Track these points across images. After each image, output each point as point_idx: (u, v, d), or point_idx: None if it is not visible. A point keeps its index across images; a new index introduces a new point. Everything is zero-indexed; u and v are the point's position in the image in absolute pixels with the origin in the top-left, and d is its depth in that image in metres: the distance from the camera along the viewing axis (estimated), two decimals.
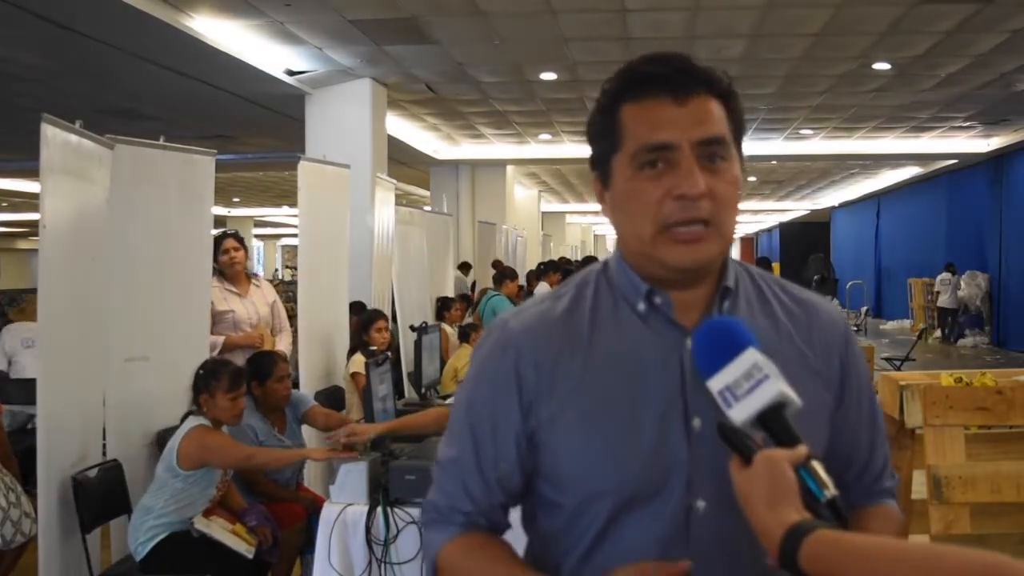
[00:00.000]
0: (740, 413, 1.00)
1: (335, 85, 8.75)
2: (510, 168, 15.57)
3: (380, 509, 2.99)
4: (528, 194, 19.54)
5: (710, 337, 1.05)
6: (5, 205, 21.53)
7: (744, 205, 1.19)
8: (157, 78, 7.98)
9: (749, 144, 1.18)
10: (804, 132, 12.50)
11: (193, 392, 3.45)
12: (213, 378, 3.41)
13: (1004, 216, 14.43)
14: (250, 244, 23.96)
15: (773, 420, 0.99)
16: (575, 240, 28.90)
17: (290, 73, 8.30)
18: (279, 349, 4.73)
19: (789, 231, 29.95)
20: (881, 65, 8.53)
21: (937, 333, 16.01)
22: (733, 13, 6.94)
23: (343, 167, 5.90)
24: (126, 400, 3.90)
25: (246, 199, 22.23)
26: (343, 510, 3.04)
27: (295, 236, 6.59)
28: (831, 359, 1.18)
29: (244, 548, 3.34)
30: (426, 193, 16.88)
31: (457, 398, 1.23)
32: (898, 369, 9.15)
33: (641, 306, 1.13)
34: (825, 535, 0.91)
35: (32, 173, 5.42)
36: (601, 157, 1.14)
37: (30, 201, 17.59)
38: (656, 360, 1.11)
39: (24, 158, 9.37)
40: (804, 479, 0.96)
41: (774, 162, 15.29)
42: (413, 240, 7.47)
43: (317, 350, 5.22)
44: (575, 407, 1.11)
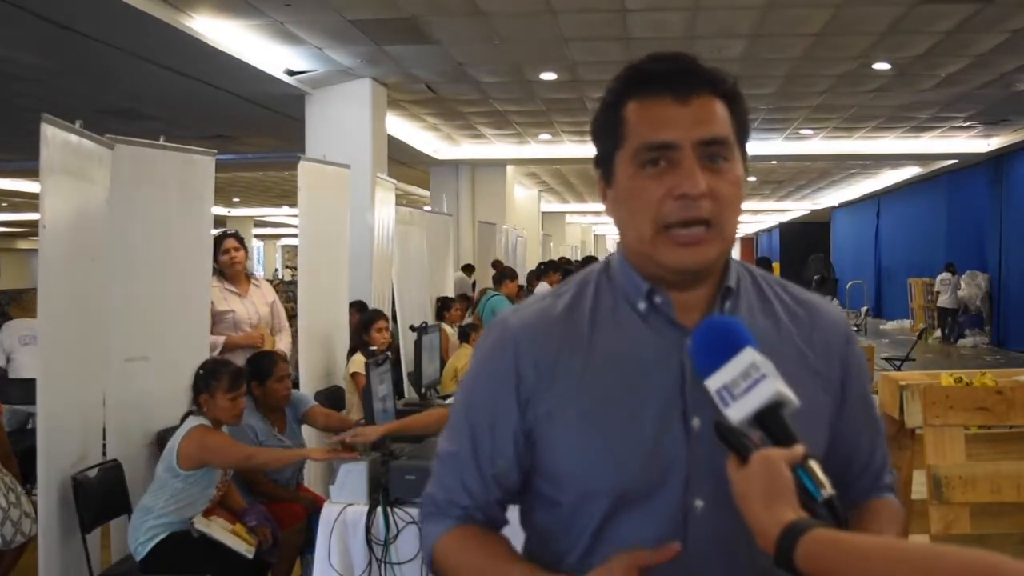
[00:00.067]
0: (737, 412, 1.00)
1: (335, 85, 8.75)
2: (510, 168, 15.56)
3: (380, 509, 2.99)
4: (528, 194, 19.54)
5: (708, 336, 1.05)
6: (5, 205, 21.53)
7: (744, 205, 1.20)
8: (157, 78, 7.98)
9: (749, 144, 1.18)
10: (804, 132, 12.50)
11: (193, 392, 3.46)
12: (213, 378, 3.41)
13: (1004, 216, 14.43)
14: (250, 244, 23.96)
15: (770, 419, 0.99)
16: (575, 240, 28.88)
17: (290, 73, 8.30)
18: (279, 349, 4.73)
19: (789, 231, 29.94)
20: (881, 65, 8.53)
21: (937, 333, 16.01)
22: (733, 13, 6.94)
23: (343, 167, 5.90)
24: (126, 400, 3.90)
25: (246, 199, 22.23)
26: (343, 510, 3.04)
27: (295, 236, 6.59)
28: (832, 360, 1.17)
29: (244, 548, 3.34)
30: (426, 193, 16.87)
31: (457, 393, 1.23)
32: (898, 369, 9.15)
33: (642, 305, 1.13)
34: (821, 534, 0.91)
35: (32, 173, 5.42)
36: (604, 154, 1.15)
37: (30, 201, 17.58)
38: (656, 359, 1.11)
39: (24, 158, 9.37)
40: (801, 478, 0.96)
41: (774, 162, 15.29)
42: (413, 240, 7.46)
43: (317, 350, 5.22)
44: (573, 405, 1.11)
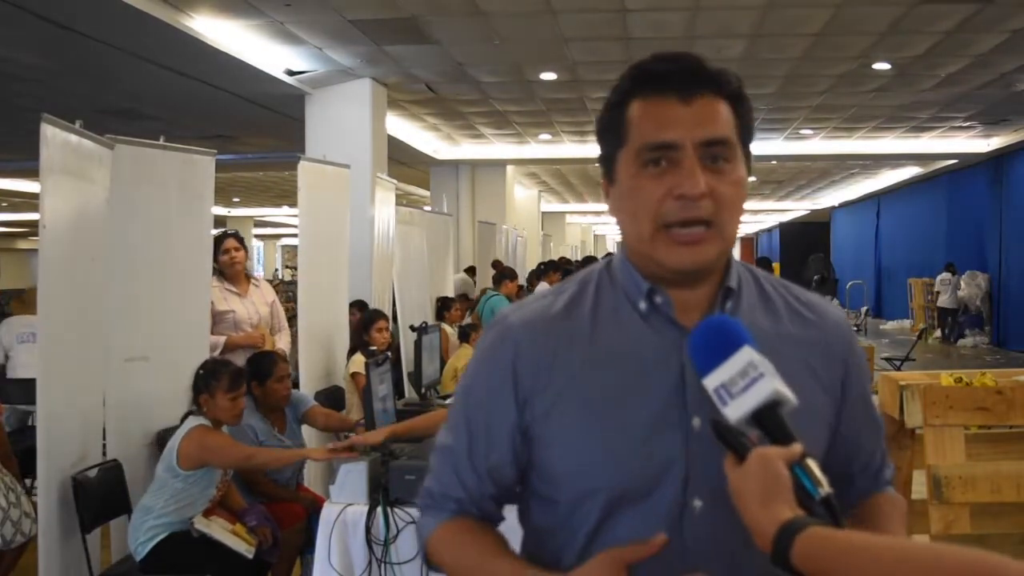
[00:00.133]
0: (735, 411, 1.00)
1: (335, 85, 8.75)
2: (510, 168, 15.56)
3: (380, 509, 2.99)
4: (528, 194, 19.53)
5: (707, 335, 1.05)
6: (5, 205, 21.53)
7: (744, 205, 1.19)
8: (157, 78, 7.98)
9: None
10: (804, 132, 12.50)
11: (193, 392, 3.46)
12: (213, 378, 3.41)
13: (1004, 216, 14.43)
14: (250, 244, 23.96)
15: (768, 418, 1.00)
16: (575, 240, 28.89)
17: (290, 73, 8.30)
18: (279, 349, 4.74)
19: (789, 231, 29.94)
20: (881, 65, 8.53)
21: (937, 333, 16.01)
22: (733, 13, 6.93)
23: (343, 167, 5.90)
24: (126, 400, 3.90)
25: (246, 199, 22.23)
26: (343, 510, 3.03)
27: (295, 236, 6.59)
28: (833, 360, 1.17)
29: (244, 548, 3.34)
30: (426, 193, 16.87)
31: (457, 388, 1.24)
32: (898, 369, 9.15)
33: (642, 305, 1.13)
34: (818, 532, 0.91)
35: (32, 173, 5.42)
36: (608, 153, 1.15)
37: (30, 201, 17.58)
38: (656, 359, 1.11)
39: (24, 158, 9.36)
40: (799, 477, 0.96)
41: (774, 162, 15.28)
42: (413, 240, 7.46)
43: (317, 350, 5.22)
44: (571, 403, 1.11)
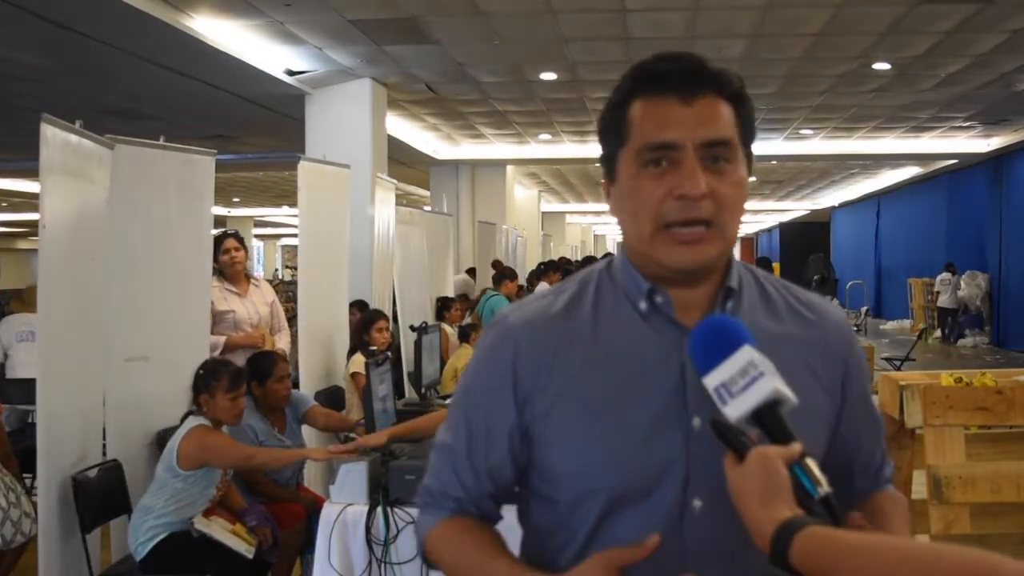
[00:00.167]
0: (735, 410, 1.00)
1: (335, 85, 8.74)
2: (510, 168, 15.55)
3: (380, 509, 2.99)
4: (528, 194, 19.53)
5: (707, 335, 1.05)
6: (5, 205, 21.53)
7: (745, 205, 1.20)
8: (157, 78, 7.98)
9: None
10: (804, 132, 12.50)
11: (193, 392, 3.46)
12: (213, 378, 3.41)
13: (1004, 216, 14.43)
14: (250, 244, 23.96)
15: (768, 417, 1.00)
16: (575, 240, 28.89)
17: (290, 73, 8.30)
18: (279, 348, 4.74)
19: (789, 231, 29.93)
20: (881, 65, 8.52)
21: (937, 333, 16.01)
22: (733, 13, 6.93)
23: (343, 167, 5.90)
24: (126, 400, 3.90)
25: (246, 199, 22.23)
26: (343, 510, 3.04)
27: (295, 236, 6.59)
28: (833, 361, 1.18)
29: (244, 548, 3.34)
30: (426, 193, 16.87)
31: (457, 387, 1.24)
32: (898, 369, 9.14)
33: (643, 305, 1.13)
34: (816, 532, 0.91)
35: (32, 173, 5.41)
36: (609, 153, 1.15)
37: (30, 201, 17.58)
38: (656, 359, 1.11)
39: (24, 158, 9.35)
40: (798, 476, 0.96)
41: (774, 162, 15.28)
42: (413, 240, 7.46)
43: (317, 350, 5.22)
44: (571, 402, 1.11)
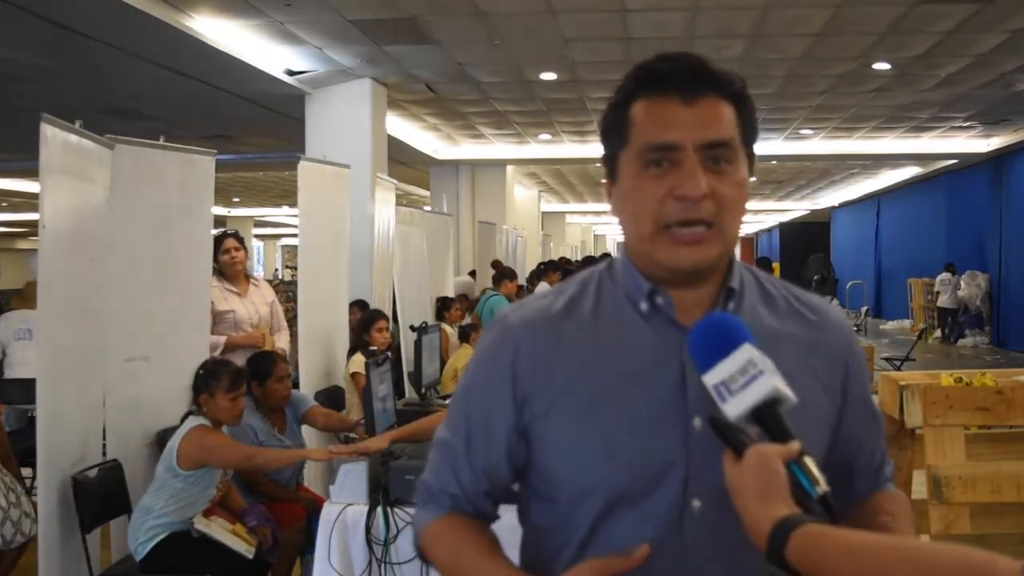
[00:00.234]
0: (734, 408, 1.00)
1: (335, 85, 8.74)
2: (510, 168, 15.55)
3: (380, 509, 2.99)
4: (528, 194, 19.53)
5: (707, 333, 1.05)
6: (5, 205, 21.52)
7: (746, 206, 1.20)
8: (157, 78, 7.98)
9: None
10: (804, 132, 12.50)
11: (193, 392, 3.46)
12: (213, 378, 3.41)
13: (1004, 216, 14.43)
14: (250, 244, 23.98)
15: (767, 416, 1.00)
16: (575, 240, 28.89)
17: (290, 73, 8.30)
18: (278, 348, 4.74)
19: (789, 231, 29.93)
20: (881, 65, 8.53)
21: (937, 333, 16.01)
22: (733, 13, 6.93)
23: (343, 167, 5.90)
24: (126, 400, 3.90)
25: (246, 199, 22.23)
26: (343, 510, 3.04)
27: (295, 236, 6.59)
28: (834, 362, 1.18)
29: (244, 548, 3.34)
30: (426, 193, 16.87)
31: (457, 386, 1.24)
32: (898, 369, 9.14)
33: (643, 305, 1.13)
34: (813, 530, 0.91)
35: (32, 173, 5.41)
36: (610, 153, 1.15)
37: (30, 201, 17.58)
38: (656, 359, 1.11)
39: (24, 158, 9.35)
40: (796, 474, 0.96)
41: (774, 162, 15.28)
42: (413, 240, 7.46)
43: (317, 350, 5.22)
44: (571, 402, 1.11)
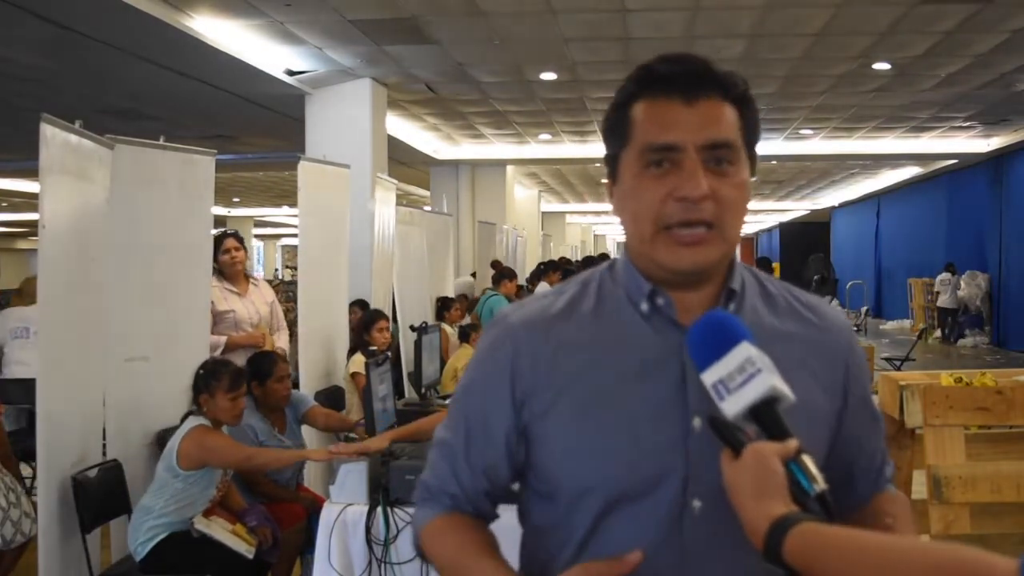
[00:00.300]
0: (732, 406, 1.00)
1: (335, 85, 8.75)
2: (510, 168, 15.56)
3: (380, 509, 2.99)
4: (528, 194, 19.53)
5: (705, 331, 1.05)
6: (5, 205, 21.53)
7: (747, 207, 1.20)
8: (157, 78, 7.98)
9: None
10: (804, 132, 12.50)
11: (193, 392, 3.46)
12: (213, 378, 3.41)
13: (1004, 216, 14.43)
14: (250, 244, 24.00)
15: (765, 414, 0.99)
16: (575, 240, 28.90)
17: (290, 73, 8.30)
18: (278, 347, 4.74)
19: (789, 231, 29.93)
20: (881, 65, 8.53)
21: (937, 333, 16.01)
22: (733, 13, 6.93)
23: (343, 167, 5.90)
24: (126, 400, 3.90)
25: (246, 199, 22.23)
26: (343, 510, 3.04)
27: (295, 236, 6.59)
28: (835, 363, 1.18)
29: (244, 548, 3.34)
30: (426, 193, 16.87)
31: (458, 385, 1.24)
32: (898, 369, 9.14)
33: (644, 306, 1.13)
34: (809, 528, 0.91)
35: (32, 173, 5.41)
36: (612, 153, 1.15)
37: (30, 201, 17.59)
38: (656, 359, 1.11)
39: (24, 158, 9.36)
40: (794, 473, 0.96)
41: (774, 162, 15.28)
42: (413, 240, 7.46)
43: (317, 350, 5.22)
44: (570, 402, 1.11)
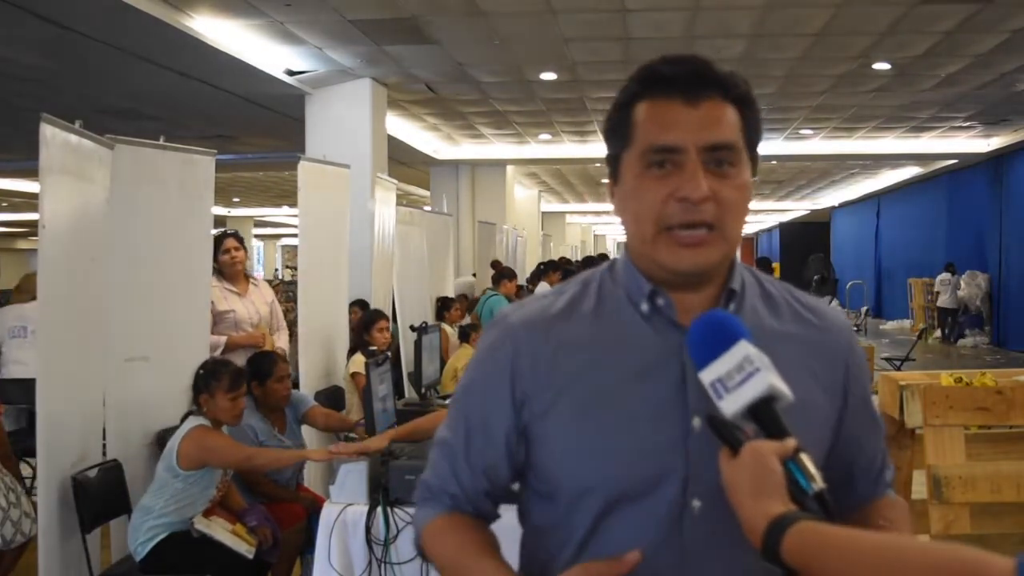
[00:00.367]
0: (730, 405, 1.00)
1: (335, 85, 8.75)
2: (510, 168, 15.56)
3: (380, 509, 2.99)
4: (528, 194, 19.53)
5: (704, 330, 1.06)
6: (5, 205, 21.53)
7: (748, 208, 1.20)
8: (157, 78, 7.98)
9: None
10: (804, 132, 12.50)
11: (193, 392, 3.45)
12: (213, 378, 3.41)
13: (1004, 216, 14.43)
14: (250, 244, 23.99)
15: (764, 413, 0.99)
16: (575, 240, 28.91)
17: (290, 73, 8.30)
18: (278, 347, 4.74)
19: (789, 231, 29.92)
20: (881, 65, 8.53)
21: (937, 333, 16.01)
22: (733, 13, 6.93)
23: (343, 167, 5.89)
24: (126, 400, 3.90)
25: (246, 199, 22.23)
26: (343, 510, 3.04)
27: (295, 236, 6.59)
28: (835, 363, 1.18)
29: (244, 548, 3.34)
30: (426, 193, 16.87)
31: (458, 385, 1.25)
32: (898, 369, 9.14)
33: (644, 306, 1.13)
34: (807, 527, 0.91)
35: (32, 173, 5.41)
36: (613, 153, 1.15)
37: (30, 201, 17.59)
38: (656, 360, 1.11)
39: (24, 158, 9.37)
40: (792, 472, 0.96)
41: (774, 162, 15.28)
42: (413, 240, 7.46)
43: (317, 350, 5.22)
44: (570, 402, 1.11)
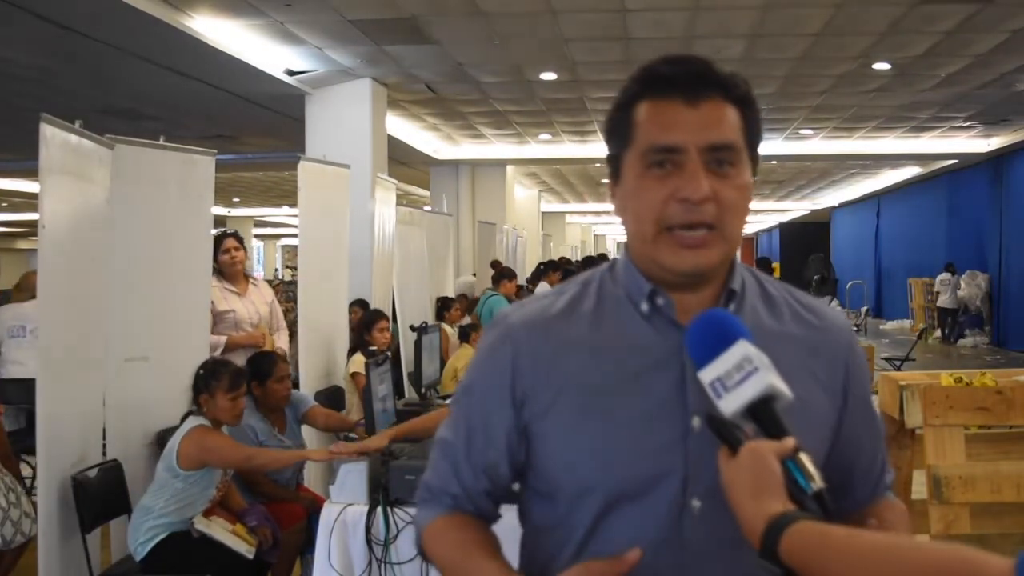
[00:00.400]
0: (729, 404, 1.00)
1: (335, 85, 8.75)
2: (510, 168, 15.56)
3: (380, 509, 2.99)
4: (528, 194, 19.54)
5: (703, 329, 1.06)
6: (5, 205, 21.53)
7: (749, 208, 1.20)
8: (157, 78, 7.98)
9: None
10: (804, 132, 12.50)
11: (193, 392, 3.46)
12: (213, 378, 3.41)
13: (1004, 216, 14.43)
14: (250, 244, 24.01)
15: (763, 412, 0.99)
16: (575, 240, 28.91)
17: (290, 73, 8.30)
18: (278, 347, 4.74)
19: (789, 231, 29.92)
20: (881, 65, 8.53)
21: (937, 333, 16.01)
22: (733, 13, 6.94)
23: (343, 167, 5.90)
24: (126, 400, 3.90)
25: (246, 199, 22.22)
26: (343, 510, 3.04)
27: (295, 236, 6.59)
28: (835, 364, 1.18)
29: (244, 548, 3.34)
30: (426, 193, 16.87)
31: (458, 385, 1.25)
32: (898, 369, 9.14)
33: (644, 306, 1.13)
34: (806, 527, 0.91)
35: (32, 173, 5.41)
36: (614, 153, 1.15)
37: (30, 201, 17.59)
38: (656, 360, 1.11)
39: (24, 158, 9.36)
40: (791, 471, 0.96)
41: (774, 162, 15.29)
42: (413, 240, 7.46)
43: (317, 350, 5.22)
44: (570, 402, 1.12)
